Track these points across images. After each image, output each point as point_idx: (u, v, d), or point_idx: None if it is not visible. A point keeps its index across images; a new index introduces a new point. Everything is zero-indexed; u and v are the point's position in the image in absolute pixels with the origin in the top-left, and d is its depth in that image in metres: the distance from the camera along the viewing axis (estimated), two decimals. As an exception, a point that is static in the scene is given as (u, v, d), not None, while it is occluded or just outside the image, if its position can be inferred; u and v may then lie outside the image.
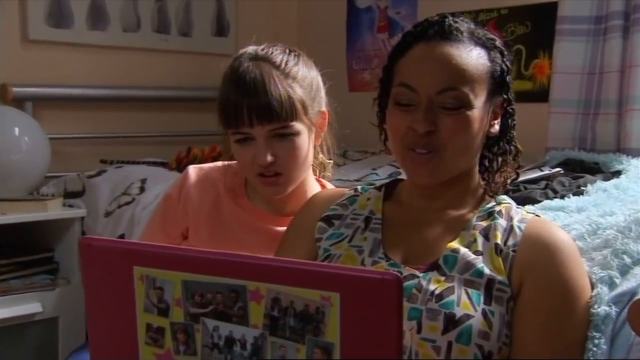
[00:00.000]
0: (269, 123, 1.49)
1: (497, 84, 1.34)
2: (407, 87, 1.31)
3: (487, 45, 1.34)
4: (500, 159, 1.39)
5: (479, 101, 1.30)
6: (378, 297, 0.86)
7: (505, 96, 1.36)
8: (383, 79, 1.40)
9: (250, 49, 1.58)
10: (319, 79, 1.62)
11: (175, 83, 3.76)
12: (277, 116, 1.48)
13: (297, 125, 1.52)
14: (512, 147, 1.40)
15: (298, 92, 1.52)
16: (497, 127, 1.37)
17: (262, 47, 1.58)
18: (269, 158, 1.50)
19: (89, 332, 1.08)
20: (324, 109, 1.62)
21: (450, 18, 1.34)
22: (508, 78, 1.36)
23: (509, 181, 1.41)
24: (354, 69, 4.00)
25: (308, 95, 1.55)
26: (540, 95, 3.12)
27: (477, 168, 1.41)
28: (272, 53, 1.55)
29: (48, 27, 3.38)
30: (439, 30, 1.32)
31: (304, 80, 1.55)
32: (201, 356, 0.97)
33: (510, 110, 1.38)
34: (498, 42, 1.37)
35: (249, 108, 1.48)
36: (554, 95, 2.87)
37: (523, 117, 1.41)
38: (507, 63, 1.36)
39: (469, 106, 1.29)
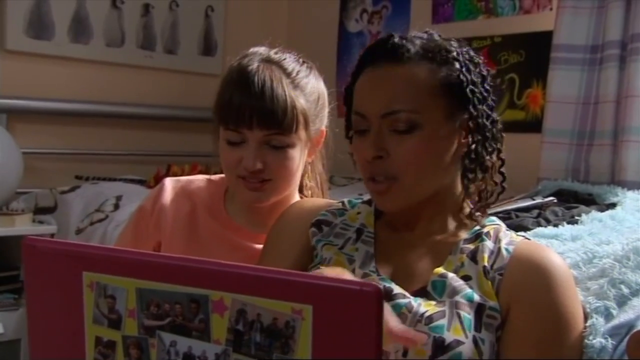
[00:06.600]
0: (267, 129, 1.45)
1: (457, 97, 1.25)
2: (358, 114, 1.28)
3: (439, 59, 1.26)
4: (473, 175, 1.30)
5: (433, 120, 1.23)
6: (355, 310, 0.78)
7: (472, 110, 1.26)
8: (346, 105, 1.36)
9: (263, 49, 1.54)
10: (326, 96, 1.58)
11: (158, 101, 3.76)
12: (278, 124, 1.45)
13: (294, 138, 1.48)
14: (486, 161, 1.30)
15: (303, 104, 1.48)
16: (472, 145, 1.28)
17: (275, 50, 1.54)
18: (258, 165, 1.46)
19: (30, 345, 1.00)
20: (323, 127, 1.58)
21: (397, 37, 1.28)
22: (469, 89, 1.26)
23: (492, 199, 1.33)
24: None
25: (312, 111, 1.51)
26: (533, 125, 3.13)
27: (458, 186, 1.32)
28: (284, 59, 1.51)
29: (27, 37, 3.37)
30: (384, 52, 1.27)
31: (311, 95, 1.51)
32: (156, 375, 0.90)
33: (475, 125, 1.27)
34: (455, 53, 1.27)
35: (252, 109, 1.44)
36: (547, 125, 2.86)
37: (515, 148, 1.33)
38: (468, 75, 1.26)
39: (420, 127, 1.23)
